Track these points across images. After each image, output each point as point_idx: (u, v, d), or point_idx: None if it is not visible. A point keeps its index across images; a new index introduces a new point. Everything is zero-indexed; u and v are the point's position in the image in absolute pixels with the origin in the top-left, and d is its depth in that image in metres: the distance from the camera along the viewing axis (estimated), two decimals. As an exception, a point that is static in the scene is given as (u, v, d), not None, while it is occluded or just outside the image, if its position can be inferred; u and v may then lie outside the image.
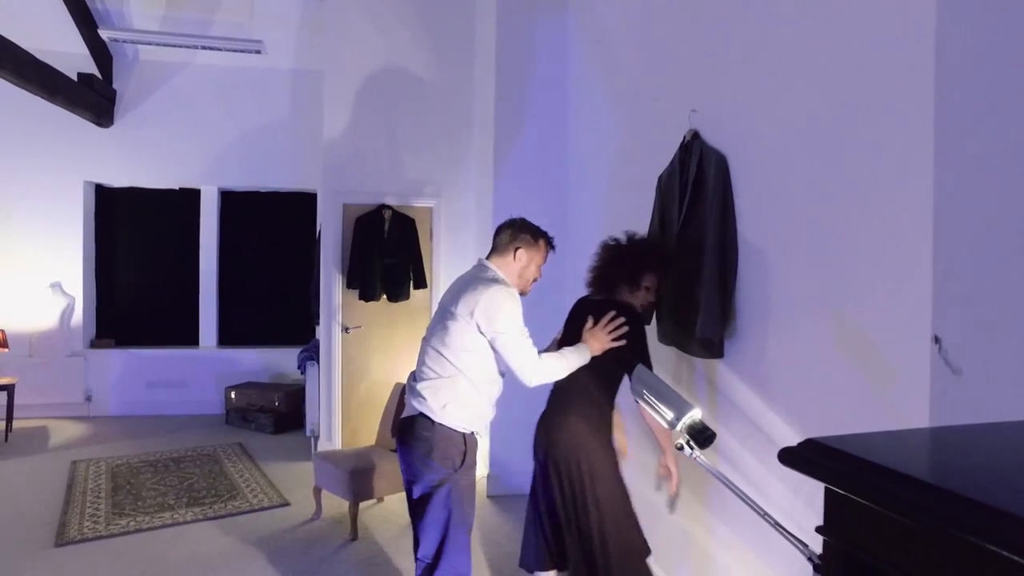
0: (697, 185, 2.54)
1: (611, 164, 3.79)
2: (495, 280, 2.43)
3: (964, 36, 1.14)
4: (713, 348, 2.42)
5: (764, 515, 1.33)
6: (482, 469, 4.65)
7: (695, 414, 1.46)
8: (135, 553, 3.61)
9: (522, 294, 2.51)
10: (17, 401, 5.87)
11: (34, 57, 5.30)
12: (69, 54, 6.34)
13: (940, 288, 1.05)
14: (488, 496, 4.49)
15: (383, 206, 5.23)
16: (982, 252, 0.97)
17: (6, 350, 6.03)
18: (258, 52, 5.94)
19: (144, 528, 3.93)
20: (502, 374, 2.53)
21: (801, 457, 0.58)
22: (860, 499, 0.53)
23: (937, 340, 1.00)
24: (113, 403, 6.73)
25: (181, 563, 3.49)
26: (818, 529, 0.61)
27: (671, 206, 2.73)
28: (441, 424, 2.39)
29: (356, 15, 5.31)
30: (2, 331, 6.03)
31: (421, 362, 2.53)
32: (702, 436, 1.41)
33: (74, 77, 6.18)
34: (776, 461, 0.65)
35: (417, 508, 2.47)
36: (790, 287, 2.10)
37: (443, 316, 2.46)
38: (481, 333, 2.35)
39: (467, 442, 2.45)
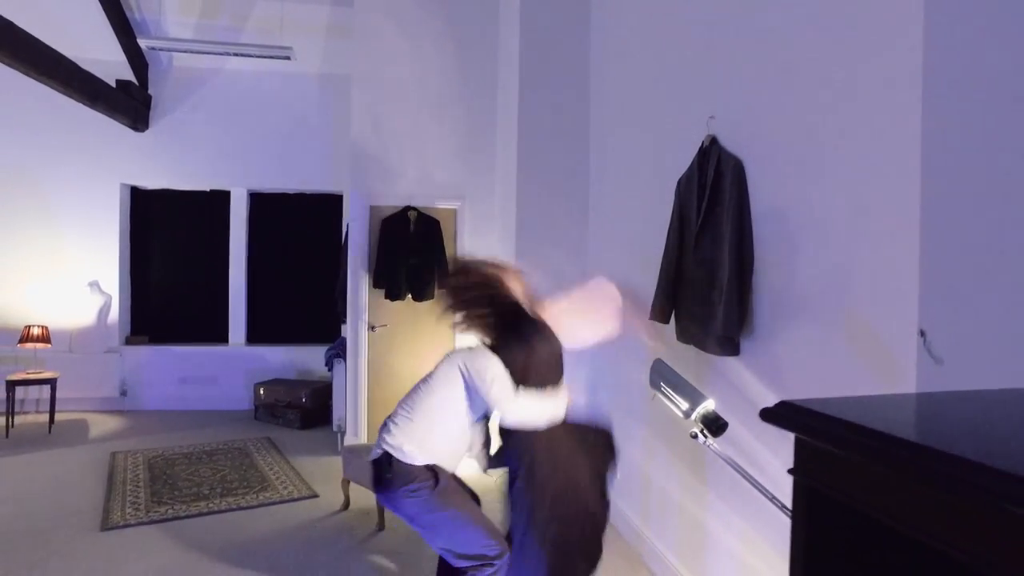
0: (714, 189, 2.64)
1: (632, 167, 3.89)
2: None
3: (952, 42, 1.23)
4: (730, 346, 2.52)
5: (772, 498, 1.42)
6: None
7: (708, 404, 1.56)
8: (174, 539, 3.78)
9: None
10: (58, 395, 6.13)
11: (79, 67, 5.54)
12: (108, 62, 6.60)
13: (926, 283, 1.14)
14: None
15: (408, 208, 5.38)
16: (965, 251, 1.06)
17: (49, 346, 6.29)
18: (287, 58, 6.12)
19: (182, 516, 4.11)
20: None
21: (777, 414, 0.70)
22: (817, 442, 0.65)
23: (922, 333, 1.09)
24: (147, 398, 6.96)
25: (218, 549, 3.66)
26: (789, 471, 0.73)
27: (689, 209, 2.83)
28: (399, 462, 2.48)
29: (382, 21, 5.47)
30: (45, 327, 6.29)
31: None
32: (715, 425, 1.51)
33: (113, 83, 6.43)
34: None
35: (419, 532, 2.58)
36: (802, 287, 2.19)
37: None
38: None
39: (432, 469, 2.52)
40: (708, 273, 2.65)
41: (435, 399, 2.55)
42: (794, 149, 2.26)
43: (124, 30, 6.57)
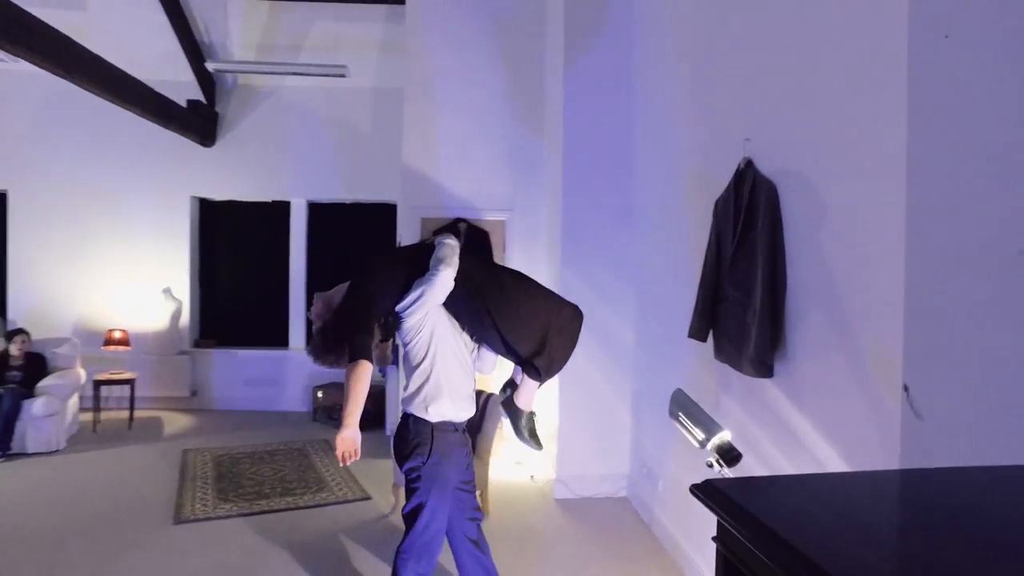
0: (749, 211, 2.68)
1: (674, 184, 3.93)
2: None
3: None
4: (763, 368, 2.56)
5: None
6: (550, 473, 4.90)
7: (724, 435, 1.63)
8: (239, 534, 4.04)
9: None
10: (137, 393, 6.59)
11: (154, 91, 5.94)
12: (180, 83, 7.02)
13: (910, 338, 1.19)
14: (556, 499, 4.71)
15: (459, 219, 5.54)
16: (946, 307, 1.11)
17: (128, 348, 6.75)
18: (342, 76, 6.38)
19: (245, 513, 4.38)
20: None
21: (703, 491, 0.80)
22: (727, 524, 0.74)
23: (906, 388, 1.14)
24: (214, 398, 7.37)
25: (278, 545, 3.89)
26: (712, 538, 0.82)
27: (726, 230, 2.87)
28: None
29: (432, 38, 5.65)
30: (125, 331, 6.76)
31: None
32: (729, 456, 1.58)
33: (184, 103, 6.84)
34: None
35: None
36: (836, 313, 2.22)
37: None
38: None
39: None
40: (743, 295, 2.69)
41: None
42: (827, 174, 2.29)
43: (194, 54, 6.98)
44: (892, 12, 1.90)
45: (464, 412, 2.66)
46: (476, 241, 5.57)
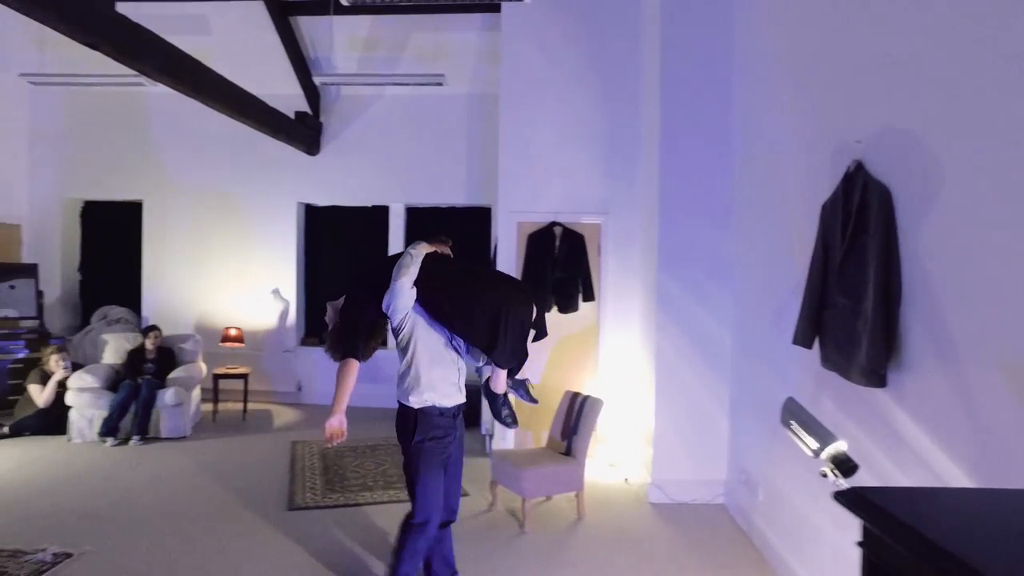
0: (859, 216, 2.60)
1: (776, 188, 3.84)
2: None
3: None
4: (875, 377, 2.48)
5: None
6: (645, 476, 4.89)
7: (839, 446, 1.60)
8: (346, 523, 4.28)
9: None
10: (249, 387, 7.07)
11: (267, 105, 6.36)
12: (288, 95, 7.49)
13: None
14: (651, 503, 4.70)
15: (554, 223, 5.62)
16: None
17: (242, 345, 7.26)
18: (440, 84, 6.59)
19: (351, 503, 4.63)
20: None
21: (849, 499, 0.81)
22: (876, 530, 0.76)
23: None
24: (318, 393, 7.78)
25: (380, 536, 4.09)
26: (858, 543, 0.83)
27: (833, 235, 2.79)
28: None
29: (528, 45, 5.75)
30: (240, 329, 7.27)
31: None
32: (845, 467, 1.56)
33: (292, 115, 7.28)
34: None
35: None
36: (956, 323, 2.13)
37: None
38: None
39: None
40: (853, 302, 2.61)
41: None
42: (947, 178, 2.19)
43: (302, 69, 7.41)
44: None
45: (449, 399, 3.01)
46: (571, 244, 5.63)
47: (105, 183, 8.20)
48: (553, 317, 5.63)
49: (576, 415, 4.50)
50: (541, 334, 3.09)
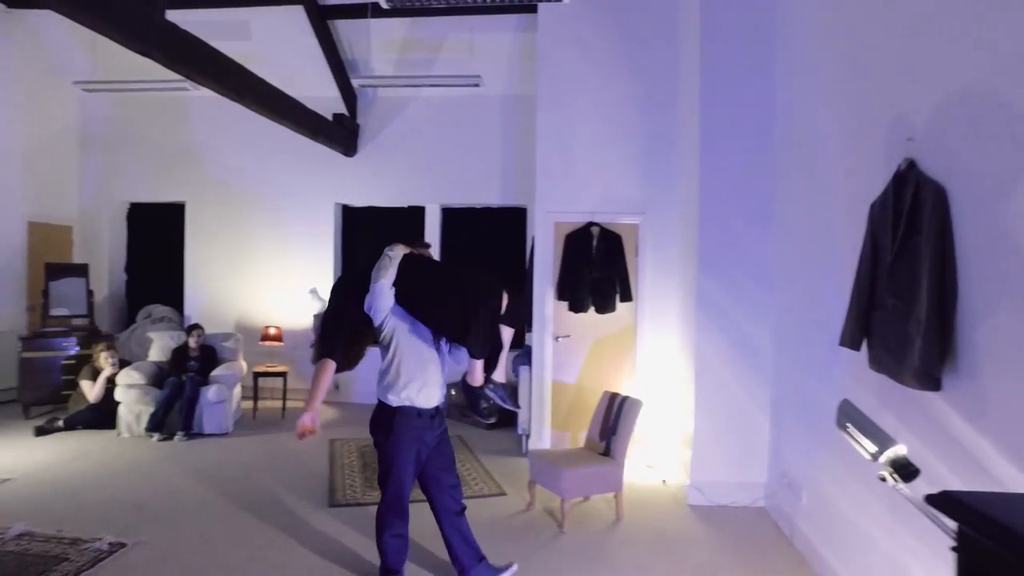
0: (912, 216, 2.54)
1: (820, 189, 3.78)
2: None
3: None
4: (930, 381, 2.42)
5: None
6: (683, 478, 4.85)
7: (899, 449, 1.58)
8: (386, 522, 4.33)
9: None
10: (288, 385, 7.20)
11: (307, 107, 6.48)
12: (326, 98, 7.61)
13: None
14: (689, 505, 4.66)
15: (591, 223, 5.61)
16: None
17: (282, 344, 7.40)
18: (476, 85, 6.63)
19: (391, 502, 4.68)
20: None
21: (940, 502, 0.80)
22: (973, 533, 0.75)
23: None
24: (354, 392, 7.88)
25: (420, 534, 4.11)
26: (952, 548, 0.82)
27: (883, 236, 2.74)
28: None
29: (564, 45, 5.75)
30: (279, 328, 7.41)
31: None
32: (906, 471, 1.53)
33: (330, 117, 7.39)
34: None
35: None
36: (1019, 326, 2.07)
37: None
38: None
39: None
40: (904, 303, 2.56)
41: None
42: (1009, 176, 2.14)
43: (340, 71, 7.52)
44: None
45: (428, 399, 3.11)
46: (608, 244, 5.61)
47: (149, 185, 8.44)
48: (590, 317, 5.63)
49: (615, 416, 4.49)
50: (517, 323, 3.21)
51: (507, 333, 3.20)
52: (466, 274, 3.23)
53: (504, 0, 4.95)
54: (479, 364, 3.15)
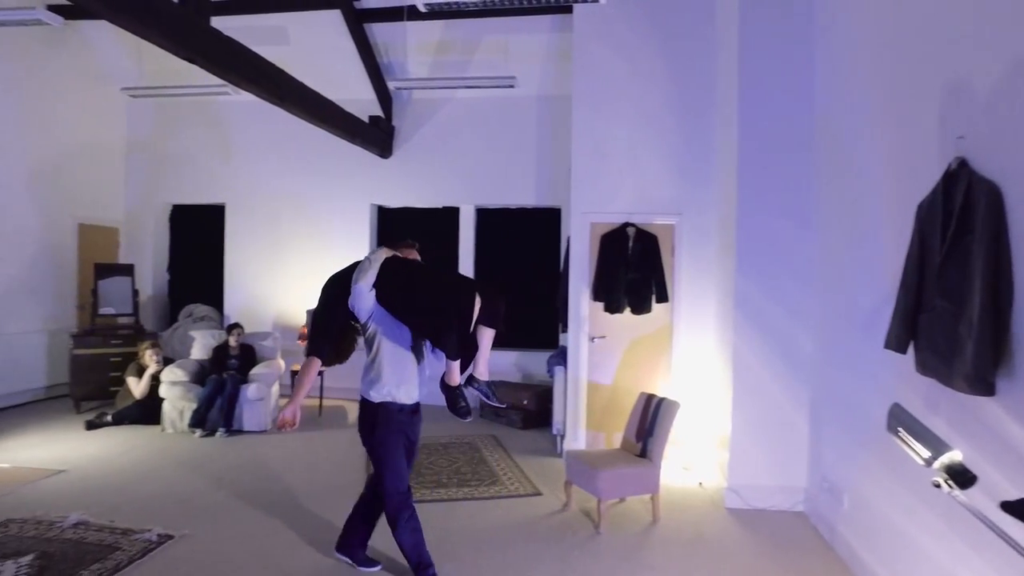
0: (963, 216, 2.48)
1: (863, 188, 3.70)
2: None
3: None
4: (983, 385, 2.36)
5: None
6: (720, 481, 4.81)
7: (954, 455, 1.54)
8: (422, 519, 4.33)
9: None
10: (325, 384, 7.31)
11: (344, 110, 6.57)
12: (362, 100, 7.71)
13: None
14: (727, 508, 4.61)
15: (627, 224, 5.59)
16: None
17: (319, 344, 7.50)
18: (511, 87, 6.65)
19: (427, 500, 4.72)
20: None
21: (1016, 509, 0.79)
22: None
23: None
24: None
25: (457, 532, 4.17)
26: None
27: (932, 236, 2.68)
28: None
29: (600, 45, 5.74)
30: (316, 329, 7.52)
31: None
32: (962, 478, 1.49)
33: (366, 119, 7.49)
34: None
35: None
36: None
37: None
38: None
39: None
40: (954, 306, 2.50)
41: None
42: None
43: (375, 74, 7.61)
44: None
45: (408, 396, 3.26)
46: (644, 245, 5.59)
47: (190, 188, 8.66)
48: (626, 318, 5.61)
49: (651, 417, 4.46)
50: (496, 323, 3.22)
51: (487, 333, 3.22)
52: (442, 277, 3.32)
53: (539, 1, 4.94)
54: (455, 364, 3.26)
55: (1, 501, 4.47)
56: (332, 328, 3.32)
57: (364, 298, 3.14)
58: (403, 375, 3.24)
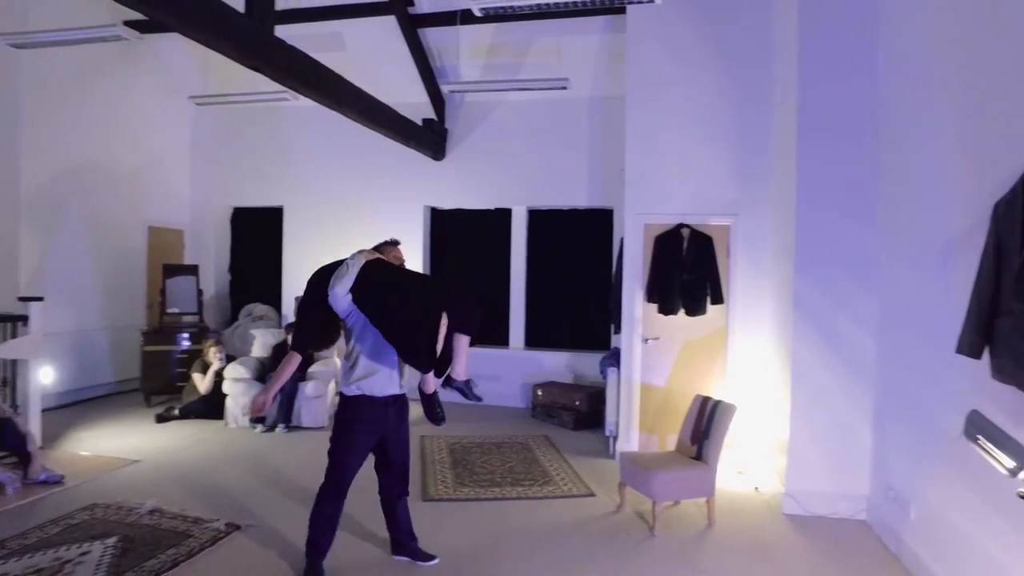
0: (1044, 216, 2.39)
1: (932, 187, 3.58)
2: None
3: None
4: (1063, 391, 2.27)
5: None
6: (777, 486, 4.72)
7: (1039, 466, 1.49)
8: (477, 516, 4.43)
9: None
10: (380, 384, 7.45)
11: (398, 113, 6.70)
12: (416, 104, 7.84)
13: None
14: (785, 514, 4.52)
15: (681, 225, 5.53)
16: None
17: (373, 343, 7.67)
18: (564, 88, 6.65)
19: (481, 498, 4.78)
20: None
21: None
22: None
23: None
24: (441, 392, 8.05)
25: (511, 531, 4.20)
26: None
27: (1011, 237, 2.58)
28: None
29: (653, 45, 5.69)
30: (371, 328, 7.68)
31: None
32: (1047, 489, 1.44)
33: (419, 122, 7.61)
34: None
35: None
36: None
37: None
38: None
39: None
40: (1034, 309, 2.40)
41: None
42: None
43: (428, 77, 7.73)
44: None
45: (382, 389, 3.35)
46: (699, 246, 5.52)
47: (251, 191, 8.95)
48: (680, 320, 5.56)
49: (708, 419, 4.42)
50: (470, 330, 3.25)
51: (463, 339, 3.26)
52: (416, 289, 3.32)
53: (592, 2, 4.94)
54: (429, 374, 3.36)
55: (87, 486, 4.77)
56: (315, 323, 3.47)
57: (341, 301, 3.22)
58: (378, 368, 3.32)
